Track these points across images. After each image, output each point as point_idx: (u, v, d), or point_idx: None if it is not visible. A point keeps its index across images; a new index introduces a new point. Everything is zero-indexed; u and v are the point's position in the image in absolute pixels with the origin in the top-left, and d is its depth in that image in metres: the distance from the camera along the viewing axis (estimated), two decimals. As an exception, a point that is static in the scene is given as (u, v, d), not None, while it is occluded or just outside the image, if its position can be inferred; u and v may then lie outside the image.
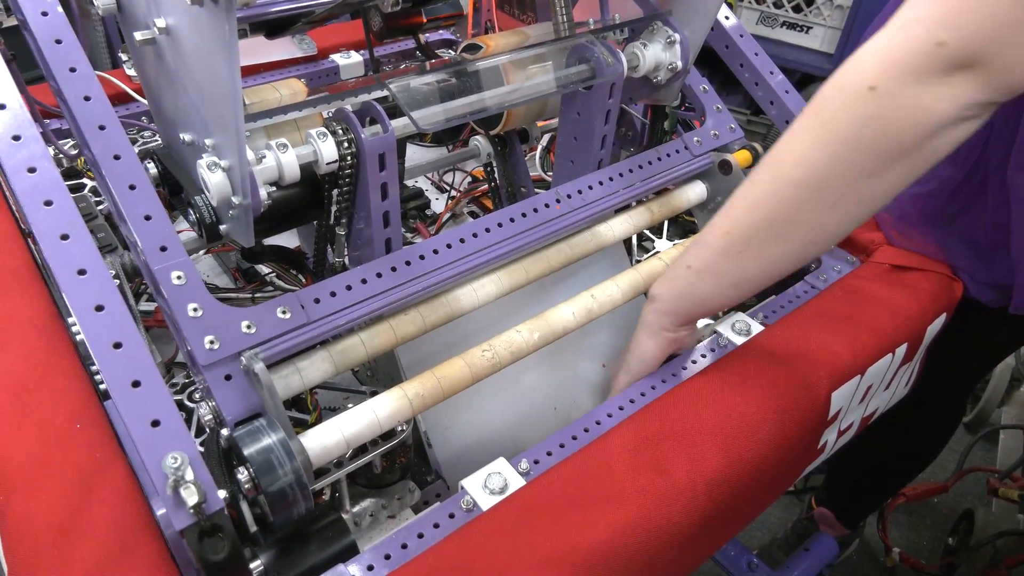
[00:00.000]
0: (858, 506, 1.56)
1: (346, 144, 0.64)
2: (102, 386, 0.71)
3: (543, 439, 0.71)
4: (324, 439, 0.59)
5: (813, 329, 0.80)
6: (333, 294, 0.66)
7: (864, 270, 0.90)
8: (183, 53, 0.55)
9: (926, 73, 0.54)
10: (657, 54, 0.84)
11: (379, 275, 0.68)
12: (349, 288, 0.67)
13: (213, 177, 0.58)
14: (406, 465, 0.76)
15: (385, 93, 0.74)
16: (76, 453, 0.60)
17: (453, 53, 1.40)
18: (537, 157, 1.19)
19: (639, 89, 0.90)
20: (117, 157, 0.61)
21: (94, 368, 0.73)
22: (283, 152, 0.61)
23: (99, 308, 0.52)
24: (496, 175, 1.05)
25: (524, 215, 0.77)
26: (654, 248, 1.04)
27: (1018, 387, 1.91)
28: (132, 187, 0.61)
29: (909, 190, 0.62)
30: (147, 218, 0.60)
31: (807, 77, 2.56)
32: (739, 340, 0.80)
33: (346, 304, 0.66)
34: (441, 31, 1.41)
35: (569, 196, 0.80)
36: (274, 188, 0.61)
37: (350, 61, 1.31)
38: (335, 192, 0.68)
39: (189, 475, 0.46)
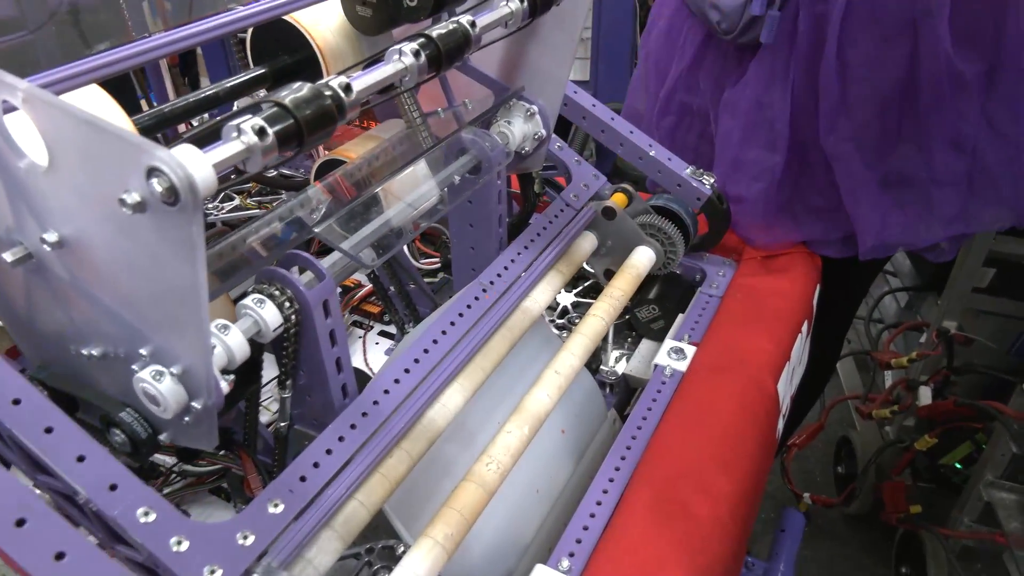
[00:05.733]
0: None
1: (287, 304, 0.58)
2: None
3: (539, 525, 0.69)
4: (376, 626, 0.53)
5: (737, 335, 0.87)
6: (316, 465, 0.59)
7: (744, 268, 1.01)
8: (94, 263, 0.47)
9: None
10: (522, 128, 0.87)
11: (353, 426, 0.63)
12: (330, 452, 0.61)
13: (163, 386, 0.50)
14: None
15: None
16: None
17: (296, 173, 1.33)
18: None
19: (511, 162, 0.93)
20: (16, 402, 0.51)
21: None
22: (226, 334, 0.54)
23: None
24: (381, 278, 1.02)
25: (461, 315, 0.76)
26: (559, 304, 1.07)
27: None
28: (49, 430, 0.51)
29: (748, 195, 0.68)
30: (80, 459, 0.50)
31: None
32: (682, 366, 0.85)
33: (334, 470, 0.60)
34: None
35: (492, 282, 0.80)
36: (231, 376, 0.54)
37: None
38: (282, 356, 0.62)
39: None
